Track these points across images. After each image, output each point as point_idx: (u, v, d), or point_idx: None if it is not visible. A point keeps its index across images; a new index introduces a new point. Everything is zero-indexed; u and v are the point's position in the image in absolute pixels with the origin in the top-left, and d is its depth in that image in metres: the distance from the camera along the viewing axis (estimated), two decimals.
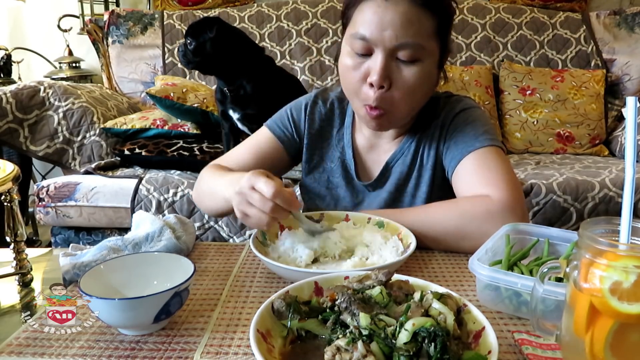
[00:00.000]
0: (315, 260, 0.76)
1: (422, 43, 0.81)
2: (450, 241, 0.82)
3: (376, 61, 0.81)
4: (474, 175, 0.86)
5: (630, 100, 0.45)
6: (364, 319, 0.48)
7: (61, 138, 1.91)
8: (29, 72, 2.87)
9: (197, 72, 2.41)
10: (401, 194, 0.97)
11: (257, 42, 2.40)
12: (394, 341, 0.46)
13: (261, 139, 1.04)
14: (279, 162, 1.04)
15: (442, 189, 0.94)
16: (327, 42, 2.49)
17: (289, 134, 1.03)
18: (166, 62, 2.46)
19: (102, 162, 1.90)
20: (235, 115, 1.71)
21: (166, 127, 1.96)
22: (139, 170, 1.88)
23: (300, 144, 1.04)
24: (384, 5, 0.80)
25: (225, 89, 1.68)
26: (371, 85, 0.83)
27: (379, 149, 0.99)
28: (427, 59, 0.83)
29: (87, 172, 1.83)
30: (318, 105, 1.04)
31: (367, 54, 0.83)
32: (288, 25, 2.50)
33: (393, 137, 0.98)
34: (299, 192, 1.63)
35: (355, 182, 1.00)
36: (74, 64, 2.75)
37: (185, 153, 1.85)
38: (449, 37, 0.89)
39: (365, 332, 0.47)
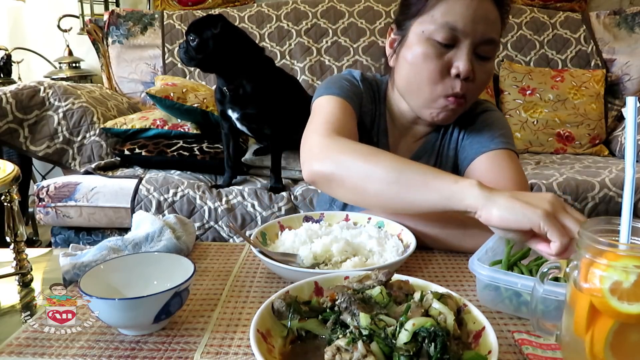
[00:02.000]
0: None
1: (498, 42, 0.86)
2: (452, 240, 0.82)
3: (463, 52, 0.83)
4: (483, 175, 0.87)
5: (630, 100, 0.45)
6: (364, 319, 0.48)
7: (61, 138, 1.91)
8: (29, 72, 2.87)
9: (197, 72, 2.41)
10: None
11: (257, 42, 2.40)
12: (394, 341, 0.46)
13: (340, 106, 0.89)
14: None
15: None
16: (327, 42, 2.48)
17: (355, 96, 0.93)
18: (166, 62, 2.46)
19: (102, 162, 1.90)
20: (234, 115, 1.71)
21: (166, 127, 1.96)
22: (139, 170, 1.87)
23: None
24: (476, 0, 0.82)
25: (225, 88, 1.67)
26: (457, 76, 0.84)
27: (403, 148, 1.00)
28: (494, 58, 0.88)
29: (87, 172, 1.83)
30: (366, 82, 0.99)
31: (451, 44, 0.84)
32: (288, 25, 2.50)
33: (417, 137, 0.98)
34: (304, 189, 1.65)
35: None
36: (74, 64, 2.75)
37: (185, 153, 1.85)
38: None
39: (365, 332, 0.47)
